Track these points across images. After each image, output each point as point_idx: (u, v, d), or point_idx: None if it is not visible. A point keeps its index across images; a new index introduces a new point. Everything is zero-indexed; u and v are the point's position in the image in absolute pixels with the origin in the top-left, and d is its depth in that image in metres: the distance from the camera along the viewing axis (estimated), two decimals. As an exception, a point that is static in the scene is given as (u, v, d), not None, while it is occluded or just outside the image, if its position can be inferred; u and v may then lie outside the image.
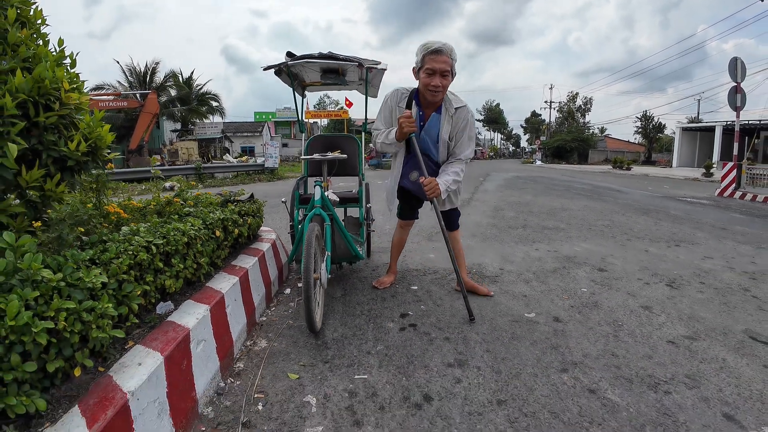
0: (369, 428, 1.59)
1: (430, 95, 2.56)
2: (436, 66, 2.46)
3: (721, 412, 1.73)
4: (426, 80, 2.51)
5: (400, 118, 2.54)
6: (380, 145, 2.75)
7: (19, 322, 1.12)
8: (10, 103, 1.42)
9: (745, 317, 2.72)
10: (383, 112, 2.80)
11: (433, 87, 2.50)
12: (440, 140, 2.72)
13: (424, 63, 2.50)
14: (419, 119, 2.69)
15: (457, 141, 2.73)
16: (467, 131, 2.72)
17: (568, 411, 1.70)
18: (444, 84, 2.52)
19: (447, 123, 2.69)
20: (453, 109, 2.67)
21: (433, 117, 2.70)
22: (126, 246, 1.69)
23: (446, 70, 2.48)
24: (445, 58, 2.47)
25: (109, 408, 1.23)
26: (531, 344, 2.27)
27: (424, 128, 2.72)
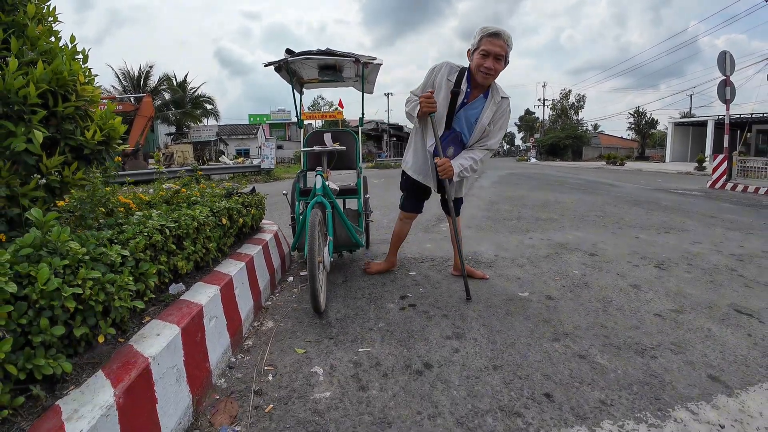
0: (374, 392, 1.70)
1: (481, 77, 2.52)
2: (492, 48, 2.45)
3: (706, 374, 1.84)
4: (479, 61, 2.49)
5: (421, 98, 2.56)
6: (407, 112, 2.77)
7: (50, 287, 1.21)
8: (33, 92, 1.52)
9: (731, 293, 2.85)
10: (428, 80, 2.72)
11: (486, 69, 2.47)
12: (479, 124, 2.67)
13: (481, 44, 2.48)
14: (465, 96, 2.65)
15: (492, 129, 2.72)
16: (501, 122, 2.71)
17: (560, 373, 1.82)
18: (496, 68, 2.50)
19: (490, 109, 2.65)
20: (499, 97, 2.66)
21: (479, 99, 2.66)
22: (141, 228, 1.79)
23: (501, 54, 2.47)
24: (502, 42, 2.46)
25: (132, 370, 1.33)
26: (525, 319, 2.39)
27: (466, 106, 2.67)
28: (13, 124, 1.57)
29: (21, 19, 1.86)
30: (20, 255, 1.25)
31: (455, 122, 2.69)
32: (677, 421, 1.53)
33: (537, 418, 1.53)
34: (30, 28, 1.80)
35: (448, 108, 2.65)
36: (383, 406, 1.61)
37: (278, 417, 1.55)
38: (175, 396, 1.45)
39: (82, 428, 1.07)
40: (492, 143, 2.73)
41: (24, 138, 1.55)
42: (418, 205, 3.06)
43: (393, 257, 3.28)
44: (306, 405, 1.62)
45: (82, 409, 1.13)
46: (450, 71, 2.65)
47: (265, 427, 1.49)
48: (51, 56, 1.80)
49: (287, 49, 3.36)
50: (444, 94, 2.64)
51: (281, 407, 1.60)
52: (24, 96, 1.55)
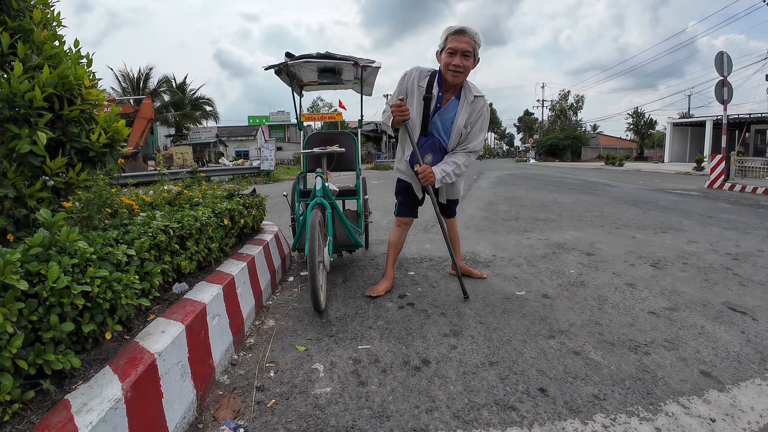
0: (373, 387, 1.74)
1: (451, 76, 2.48)
2: (459, 45, 2.41)
3: (698, 370, 1.88)
4: (447, 59, 2.45)
5: (392, 107, 2.53)
6: (382, 124, 2.71)
7: (60, 285, 1.25)
8: (39, 95, 1.57)
9: (726, 291, 2.89)
10: (400, 88, 2.68)
11: (454, 66, 2.44)
12: (455, 127, 2.62)
13: (447, 43, 2.45)
14: (437, 101, 2.61)
15: (471, 131, 2.66)
16: (480, 123, 2.64)
17: (554, 369, 1.86)
18: (465, 65, 2.45)
19: (464, 111, 2.60)
20: (472, 97, 2.60)
21: (452, 102, 2.62)
22: (146, 228, 1.83)
23: (468, 50, 2.43)
24: (468, 38, 2.42)
25: (139, 365, 1.37)
26: (521, 317, 2.44)
27: (440, 111, 2.63)
28: (19, 127, 1.61)
29: (27, 24, 1.90)
30: (30, 254, 1.29)
31: (431, 128, 2.66)
32: (669, 415, 1.57)
33: (531, 412, 1.58)
34: (36, 33, 1.85)
35: (422, 114, 2.62)
36: (382, 401, 1.65)
37: (280, 411, 1.59)
38: (180, 391, 1.49)
39: (91, 420, 1.11)
40: (473, 146, 2.68)
41: (29, 140, 1.60)
42: (413, 209, 2.98)
43: (391, 271, 3.02)
44: (307, 400, 1.66)
45: (91, 402, 1.17)
46: (420, 76, 2.62)
47: (268, 421, 1.53)
48: (56, 60, 1.85)
49: (287, 53, 3.41)
50: (416, 100, 2.61)
51: (283, 402, 1.65)
52: (30, 99, 1.59)
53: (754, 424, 1.52)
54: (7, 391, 1.09)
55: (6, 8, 1.91)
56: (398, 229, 2.99)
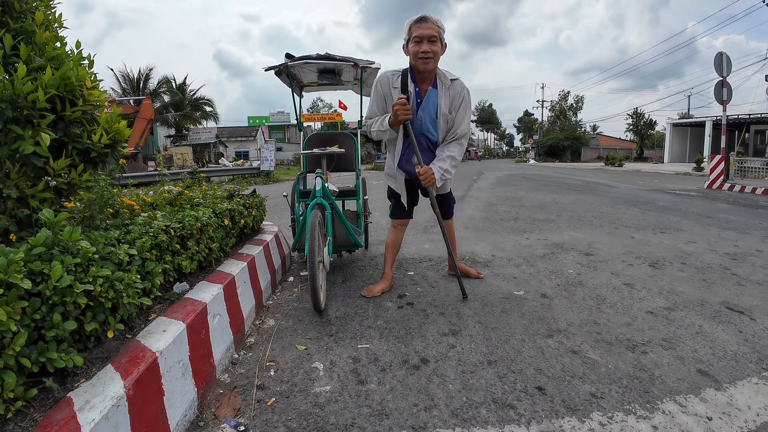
0: (372, 386, 1.76)
1: (421, 64, 2.47)
2: (423, 32, 2.43)
3: (695, 369, 1.90)
4: (415, 48, 2.45)
5: (395, 105, 2.48)
6: (375, 133, 2.66)
7: (63, 284, 1.27)
8: (42, 97, 1.58)
9: (723, 291, 2.91)
10: (376, 100, 2.69)
11: (423, 53, 2.43)
12: (440, 115, 2.60)
13: (411, 32, 2.47)
14: (416, 96, 2.59)
15: (456, 116, 2.62)
16: (462, 105, 2.61)
17: (552, 368, 1.88)
18: (434, 50, 2.45)
19: (445, 96, 2.58)
20: (448, 81, 2.59)
21: (430, 92, 2.59)
22: (147, 229, 1.85)
23: (433, 35, 2.44)
24: (431, 24, 2.44)
25: (140, 364, 1.39)
26: (519, 316, 2.45)
27: (422, 105, 2.61)
28: (22, 128, 1.63)
29: (29, 26, 1.92)
30: (33, 253, 1.31)
31: (417, 126, 2.64)
32: (665, 413, 1.58)
33: (529, 410, 1.59)
34: (38, 35, 1.86)
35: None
36: (381, 399, 1.66)
37: (280, 410, 1.60)
38: (182, 389, 1.51)
39: (94, 417, 1.12)
40: (461, 131, 2.65)
41: (32, 141, 1.61)
42: (407, 211, 2.96)
43: (390, 272, 3.02)
44: (307, 398, 1.67)
45: (93, 400, 1.18)
46: (392, 78, 2.62)
47: (268, 419, 1.55)
48: (58, 62, 1.87)
49: (287, 54, 3.42)
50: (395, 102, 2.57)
51: (283, 400, 1.66)
52: (33, 101, 1.61)
53: (751, 423, 1.53)
54: (11, 388, 1.10)
55: (8, 10, 1.93)
56: (394, 231, 3.00)
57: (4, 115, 1.55)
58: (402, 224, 2.99)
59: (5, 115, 1.56)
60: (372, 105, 2.74)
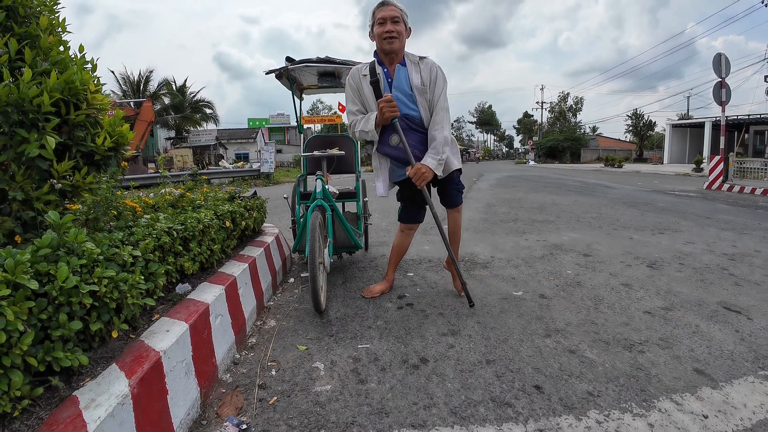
0: (372, 385, 1.78)
1: (386, 44, 2.46)
2: (386, 13, 2.45)
3: (692, 368, 1.92)
4: (379, 30, 2.46)
5: (380, 102, 2.40)
6: (359, 133, 2.59)
7: (68, 284, 1.29)
8: (47, 100, 1.61)
9: (721, 291, 2.93)
10: (351, 96, 2.64)
11: (387, 33, 2.43)
12: (414, 89, 2.53)
13: (375, 16, 2.49)
14: (385, 77, 2.56)
15: (433, 93, 2.54)
16: (438, 81, 2.54)
17: (550, 367, 1.90)
18: (398, 30, 2.45)
19: (415, 71, 2.54)
20: (417, 58, 2.57)
21: (399, 69, 2.55)
22: (150, 230, 1.88)
23: (396, 16, 2.45)
24: (392, 7, 2.47)
25: (144, 363, 1.41)
26: (518, 316, 2.48)
27: (393, 84, 2.55)
28: (27, 131, 1.65)
29: (33, 30, 1.95)
30: (40, 255, 1.33)
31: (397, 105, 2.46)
32: (661, 411, 1.60)
33: (527, 408, 1.61)
34: (42, 39, 1.89)
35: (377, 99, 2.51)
36: (381, 398, 1.69)
37: (281, 408, 1.63)
38: (185, 388, 1.53)
39: (99, 415, 1.14)
40: (440, 107, 2.53)
41: (37, 144, 1.64)
42: (418, 214, 2.83)
43: (392, 275, 3.01)
44: (308, 397, 1.70)
45: (99, 398, 1.21)
46: (361, 70, 2.62)
47: (269, 418, 1.57)
48: (62, 66, 1.89)
49: (287, 57, 3.46)
50: (367, 91, 2.57)
51: (284, 399, 1.68)
52: (38, 104, 1.64)
53: (747, 421, 1.55)
54: (17, 387, 1.13)
55: (13, 15, 1.96)
56: (401, 234, 2.91)
57: (10, 118, 1.58)
58: (410, 228, 2.90)
59: (11, 119, 1.58)
60: (348, 103, 2.69)
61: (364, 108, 2.62)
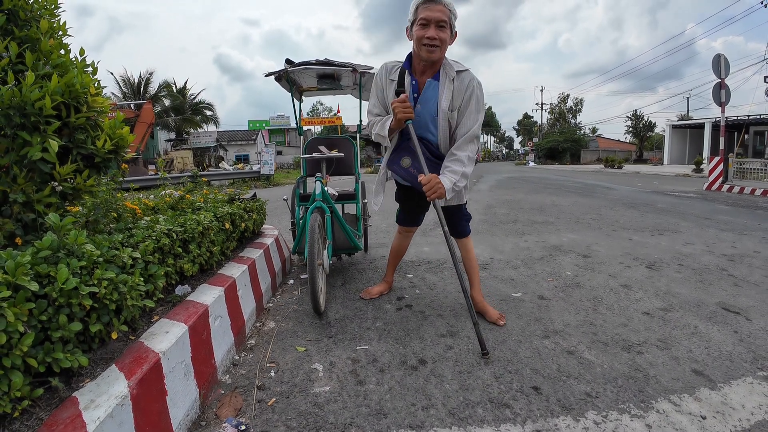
0: (371, 386, 1.79)
1: (425, 51, 2.10)
2: (431, 15, 2.06)
3: (690, 368, 1.92)
4: (420, 32, 2.08)
5: (393, 103, 2.16)
6: (375, 136, 2.37)
7: (68, 286, 1.30)
8: (49, 104, 1.62)
9: (720, 292, 2.93)
10: (375, 93, 2.38)
11: (428, 39, 2.07)
12: (439, 111, 2.21)
13: (417, 14, 2.09)
14: (412, 90, 2.24)
15: (462, 114, 2.21)
16: (473, 101, 2.19)
17: (548, 368, 1.91)
18: (441, 37, 2.08)
19: (447, 89, 2.19)
20: (453, 73, 2.19)
21: (430, 84, 2.22)
22: (150, 232, 1.89)
23: (443, 20, 2.07)
24: (441, 6, 2.07)
25: (144, 364, 1.42)
26: (517, 317, 2.48)
27: (419, 100, 2.24)
28: (29, 134, 1.67)
29: (34, 33, 1.96)
30: (40, 256, 1.34)
31: (415, 125, 2.24)
32: (659, 412, 1.61)
33: (525, 409, 1.62)
34: (43, 43, 1.90)
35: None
36: (380, 399, 1.69)
37: (280, 409, 1.63)
38: (184, 389, 1.54)
39: (99, 416, 1.15)
40: (473, 131, 2.21)
41: (39, 147, 1.65)
42: (415, 217, 2.69)
43: (390, 276, 2.96)
44: (306, 398, 1.70)
45: (98, 399, 1.21)
46: (389, 70, 2.30)
47: (268, 419, 1.58)
48: (63, 69, 1.90)
49: (287, 60, 3.47)
50: (391, 97, 2.26)
51: (283, 401, 1.69)
52: (40, 108, 1.65)
53: (745, 422, 1.56)
54: (18, 388, 1.13)
55: (13, 18, 1.97)
56: (399, 236, 2.81)
57: (12, 121, 1.59)
58: (407, 231, 2.78)
59: (13, 122, 1.59)
60: (371, 98, 2.45)
61: (386, 111, 2.36)
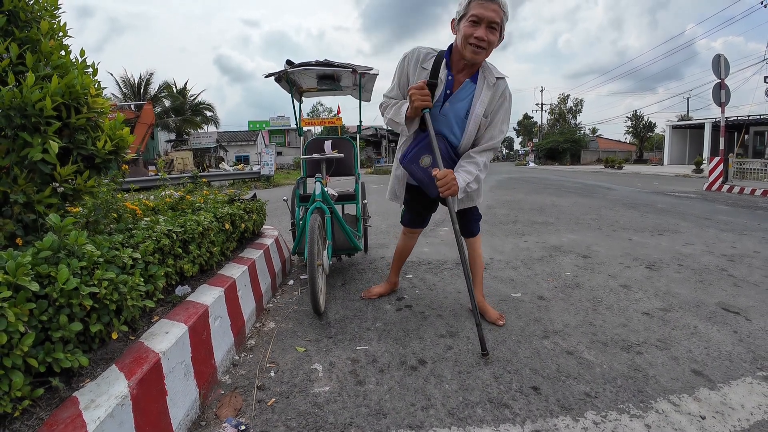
0: (371, 386, 1.79)
1: (470, 51, 1.96)
2: (485, 13, 1.90)
3: (689, 369, 1.93)
4: (469, 30, 1.93)
5: (411, 90, 2.00)
6: (388, 120, 2.20)
7: (69, 286, 1.31)
8: (49, 105, 1.63)
9: (720, 292, 2.94)
10: (397, 76, 2.20)
11: (476, 39, 1.92)
12: (472, 116, 2.10)
13: (470, 9, 1.93)
14: (446, 86, 2.10)
15: (491, 121, 2.13)
16: (502, 112, 2.12)
17: (547, 368, 1.91)
18: (490, 39, 1.95)
19: (484, 95, 2.07)
20: (494, 79, 2.08)
21: (466, 85, 2.10)
22: (150, 233, 1.89)
23: (495, 21, 1.92)
24: (497, 7, 1.92)
25: (144, 364, 1.42)
26: (516, 318, 2.49)
27: (451, 98, 2.11)
28: (30, 135, 1.67)
29: (34, 35, 1.97)
30: (40, 257, 1.35)
31: (441, 121, 2.15)
32: (659, 412, 1.61)
33: (524, 409, 1.62)
34: (43, 44, 1.91)
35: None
36: (379, 399, 1.70)
37: (280, 409, 1.64)
38: (184, 389, 1.54)
39: (99, 416, 1.15)
40: (495, 142, 2.14)
41: (40, 148, 1.65)
42: (420, 220, 2.61)
43: (395, 277, 2.93)
44: (306, 399, 1.71)
45: (98, 399, 1.22)
46: (424, 57, 2.13)
47: (268, 419, 1.58)
48: (63, 70, 1.91)
49: (287, 60, 3.48)
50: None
51: (283, 401, 1.69)
52: (40, 109, 1.65)
53: (744, 422, 1.56)
54: (18, 388, 1.14)
55: (14, 19, 1.97)
56: (404, 237, 2.73)
57: (13, 122, 1.60)
58: (412, 232, 2.69)
59: (14, 123, 1.60)
60: (393, 80, 2.26)
61: (403, 96, 2.20)
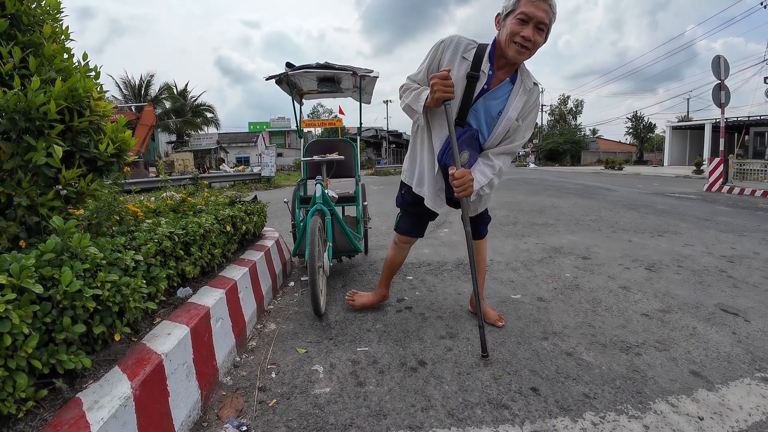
0: (371, 387, 1.80)
1: (514, 50, 1.85)
2: (535, 12, 1.78)
3: (688, 370, 1.94)
4: (516, 28, 1.81)
5: (433, 78, 1.88)
6: (405, 106, 2.06)
7: (72, 288, 1.32)
8: (53, 108, 1.64)
9: (719, 293, 2.95)
10: (428, 62, 2.04)
11: (522, 39, 1.81)
12: (504, 118, 2.00)
13: (519, 6, 1.81)
14: (486, 81, 1.97)
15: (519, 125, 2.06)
16: (531, 117, 2.06)
17: (547, 369, 1.92)
18: (536, 40, 1.84)
19: (520, 98, 1.99)
20: (530, 83, 2.01)
21: (504, 85, 1.99)
22: (152, 235, 1.90)
23: (544, 21, 1.81)
24: (547, 6, 1.80)
25: (146, 365, 1.43)
26: (516, 319, 2.50)
27: (486, 95, 1.99)
28: (34, 138, 1.69)
29: (37, 38, 1.98)
30: (44, 259, 1.36)
31: (471, 116, 2.02)
32: (657, 413, 1.62)
33: (523, 410, 1.64)
34: (46, 47, 1.92)
35: (462, 97, 1.98)
36: (379, 400, 1.71)
37: (281, 410, 1.65)
38: (186, 390, 1.56)
39: (102, 417, 1.17)
40: (515, 146, 2.07)
41: (44, 152, 1.67)
42: (418, 228, 2.44)
43: (384, 289, 2.69)
44: (307, 399, 1.72)
45: (102, 400, 1.23)
46: (465, 47, 1.98)
47: (269, 420, 1.59)
48: (66, 73, 1.93)
49: (287, 63, 3.50)
50: (455, 76, 1.95)
51: (284, 402, 1.71)
52: (44, 112, 1.67)
53: (742, 423, 1.57)
54: (22, 389, 1.15)
55: (16, 23, 1.99)
56: (395, 247, 2.51)
57: (17, 125, 1.61)
58: (408, 242, 2.48)
59: (18, 126, 1.62)
60: (423, 62, 2.09)
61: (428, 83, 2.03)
